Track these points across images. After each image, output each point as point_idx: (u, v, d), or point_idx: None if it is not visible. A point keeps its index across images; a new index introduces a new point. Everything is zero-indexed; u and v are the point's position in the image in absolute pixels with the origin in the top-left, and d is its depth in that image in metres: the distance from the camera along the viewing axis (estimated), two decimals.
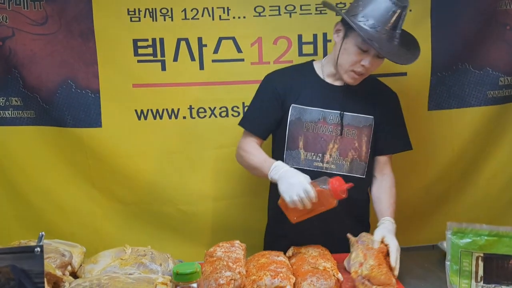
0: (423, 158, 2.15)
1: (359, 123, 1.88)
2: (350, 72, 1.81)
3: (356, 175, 1.90)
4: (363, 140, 1.89)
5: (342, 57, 1.80)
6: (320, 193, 1.65)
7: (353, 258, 1.59)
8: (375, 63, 1.79)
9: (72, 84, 2.15)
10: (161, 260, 1.64)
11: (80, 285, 1.42)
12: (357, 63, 1.78)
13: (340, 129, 1.86)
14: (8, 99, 2.18)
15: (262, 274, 1.49)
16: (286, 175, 1.70)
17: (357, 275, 1.51)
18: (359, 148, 1.89)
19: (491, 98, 2.28)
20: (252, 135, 1.92)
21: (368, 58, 1.76)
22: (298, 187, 1.63)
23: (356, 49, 1.75)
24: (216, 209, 2.31)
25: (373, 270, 1.50)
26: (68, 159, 2.23)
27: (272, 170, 1.75)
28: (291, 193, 1.64)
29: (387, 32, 1.73)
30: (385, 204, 1.86)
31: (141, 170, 2.25)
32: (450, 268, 1.06)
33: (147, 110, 2.20)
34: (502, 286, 0.99)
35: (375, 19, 1.72)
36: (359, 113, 1.88)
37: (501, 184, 2.38)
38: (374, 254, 1.58)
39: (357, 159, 1.90)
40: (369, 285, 1.50)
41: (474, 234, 1.04)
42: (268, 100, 1.90)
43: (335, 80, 1.90)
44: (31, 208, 2.25)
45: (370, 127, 1.90)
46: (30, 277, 0.86)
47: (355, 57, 1.77)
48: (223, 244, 1.69)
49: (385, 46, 1.72)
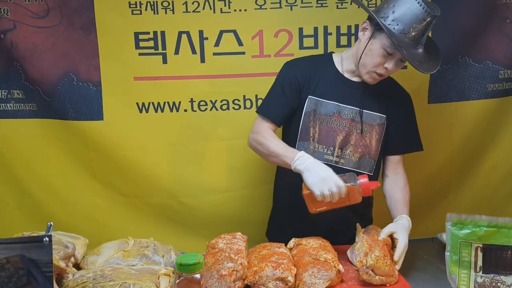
0: (424, 151, 2.14)
1: (372, 121, 1.89)
2: (372, 73, 1.80)
3: (364, 171, 1.90)
4: (374, 138, 1.90)
5: (366, 57, 1.79)
6: (351, 190, 1.68)
7: (358, 248, 1.60)
8: (397, 67, 1.80)
9: (74, 77, 2.16)
10: (163, 252, 1.65)
11: (83, 276, 1.43)
12: (380, 65, 1.77)
13: (357, 126, 1.87)
14: (10, 92, 2.18)
15: (264, 265, 1.51)
16: (314, 167, 1.70)
17: (362, 265, 1.53)
18: (370, 145, 1.90)
19: (491, 91, 2.29)
20: (268, 121, 1.89)
21: (393, 62, 1.76)
22: (331, 182, 1.65)
23: (382, 52, 1.75)
24: (217, 201, 2.32)
25: (378, 260, 1.52)
26: (70, 152, 2.24)
27: (296, 160, 1.73)
28: (322, 187, 1.65)
29: (414, 39, 1.73)
30: (401, 202, 1.87)
31: (142, 162, 2.26)
32: (450, 258, 1.07)
33: (148, 103, 2.21)
34: (500, 276, 1.00)
35: (405, 25, 1.71)
36: (373, 111, 1.89)
37: (500, 176, 2.40)
38: (380, 245, 1.60)
39: (366, 156, 1.91)
40: (373, 275, 1.52)
41: (474, 225, 1.06)
42: (288, 87, 1.88)
43: (353, 76, 1.89)
44: (33, 200, 2.26)
45: (383, 126, 1.90)
46: (39, 267, 0.87)
47: (380, 59, 1.76)
48: (224, 235, 1.70)
49: (411, 53, 1.72)
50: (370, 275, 1.52)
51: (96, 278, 1.40)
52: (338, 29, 2.20)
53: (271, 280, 1.47)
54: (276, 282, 1.48)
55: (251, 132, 1.91)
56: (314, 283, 1.47)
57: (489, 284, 1.00)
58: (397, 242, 1.66)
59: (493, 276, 1.01)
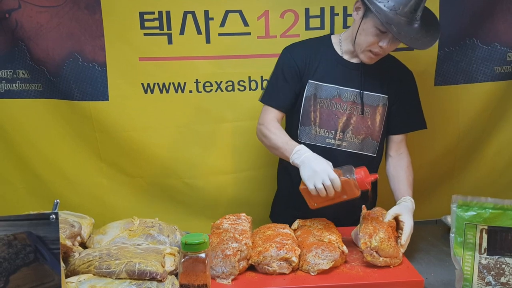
0: (429, 134, 2.15)
1: (373, 102, 1.88)
2: (367, 52, 1.79)
3: (367, 153, 1.91)
4: (376, 119, 1.90)
5: (360, 37, 1.78)
6: (345, 183, 1.61)
7: (362, 230, 1.60)
8: (393, 44, 1.78)
9: (79, 57, 2.15)
10: (168, 232, 1.67)
11: (90, 254, 1.45)
12: (374, 44, 1.76)
13: (358, 108, 1.86)
14: (15, 71, 2.17)
15: (268, 245, 1.52)
16: (309, 160, 1.67)
17: (366, 247, 1.54)
18: (372, 126, 1.90)
19: (498, 73, 2.27)
20: (274, 110, 1.89)
21: (386, 40, 1.74)
22: (323, 174, 1.60)
23: (375, 30, 1.73)
24: (222, 183, 2.32)
25: (383, 242, 1.52)
26: (76, 132, 2.24)
27: (294, 154, 1.73)
28: (315, 180, 1.61)
29: (407, 15, 1.70)
30: (405, 183, 1.86)
31: (147, 143, 2.26)
32: (455, 240, 1.07)
33: (153, 84, 2.20)
34: (505, 258, 1.00)
35: (396, 1, 1.69)
36: (374, 92, 1.88)
37: (506, 160, 2.39)
38: (384, 227, 1.60)
39: (369, 137, 1.90)
40: (377, 256, 1.53)
41: (479, 207, 1.05)
42: (289, 73, 1.88)
43: (352, 57, 1.88)
44: (39, 180, 2.27)
45: (385, 107, 1.90)
46: (46, 244, 0.88)
47: (373, 38, 1.75)
48: (229, 216, 1.71)
49: (404, 30, 1.69)
50: (374, 256, 1.53)
51: (102, 257, 1.42)
52: (345, 10, 2.17)
53: (275, 260, 1.49)
54: (280, 262, 1.49)
55: (258, 124, 1.91)
56: (318, 263, 1.49)
57: (494, 265, 1.01)
58: (402, 225, 1.66)
59: (498, 258, 1.01)
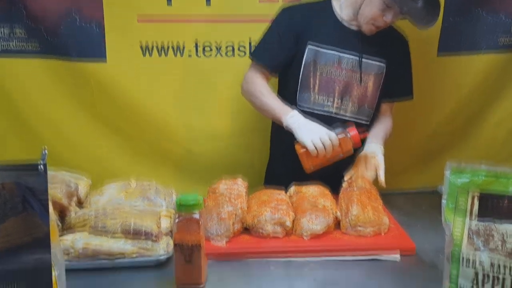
0: (430, 103, 2.14)
1: (371, 70, 1.88)
2: (370, 24, 1.80)
3: (362, 120, 1.93)
4: (374, 87, 1.91)
5: (365, 8, 1.78)
6: (342, 141, 1.69)
7: (339, 210, 1.60)
8: (396, 18, 1.78)
9: (76, 17, 2.11)
10: (165, 194, 1.67)
11: (85, 213, 1.46)
12: (379, 17, 1.76)
13: (357, 75, 1.86)
14: (12, 30, 2.14)
15: (263, 209, 1.53)
16: (305, 124, 1.73)
17: (346, 228, 1.54)
18: (369, 94, 1.91)
19: (501, 44, 2.24)
20: (262, 69, 1.88)
21: (391, 14, 1.75)
22: (321, 132, 1.68)
23: (381, 4, 1.73)
24: (220, 147, 2.33)
25: (359, 217, 1.52)
26: (74, 92, 2.22)
27: (289, 118, 1.75)
28: (313, 138, 1.67)
29: None
30: (377, 133, 1.93)
31: (145, 106, 2.25)
32: (446, 206, 1.07)
33: (152, 46, 2.17)
34: (495, 224, 1.01)
35: None
36: (373, 60, 1.88)
37: (505, 132, 2.38)
38: (355, 201, 1.58)
39: (365, 105, 1.92)
40: (362, 229, 1.52)
41: (472, 174, 1.06)
42: (284, 33, 1.86)
43: (351, 24, 1.87)
44: (38, 139, 2.26)
45: (382, 75, 1.90)
46: (35, 194, 0.88)
47: (379, 11, 1.75)
48: (226, 180, 1.72)
49: (409, 6, 1.70)
50: (359, 231, 1.52)
51: (97, 216, 1.43)
52: None
53: (269, 224, 1.50)
54: (274, 226, 1.50)
55: (244, 81, 1.90)
56: (311, 228, 1.50)
57: (483, 231, 1.02)
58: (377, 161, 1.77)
59: (487, 224, 1.01)
